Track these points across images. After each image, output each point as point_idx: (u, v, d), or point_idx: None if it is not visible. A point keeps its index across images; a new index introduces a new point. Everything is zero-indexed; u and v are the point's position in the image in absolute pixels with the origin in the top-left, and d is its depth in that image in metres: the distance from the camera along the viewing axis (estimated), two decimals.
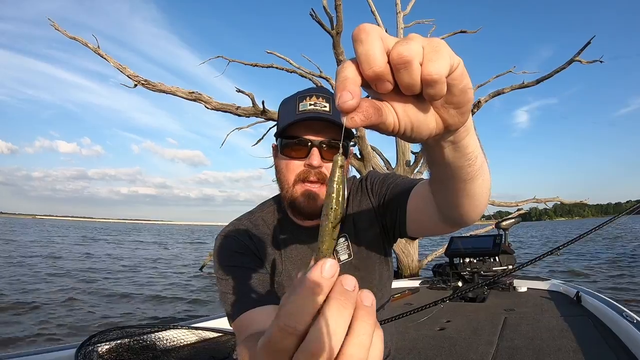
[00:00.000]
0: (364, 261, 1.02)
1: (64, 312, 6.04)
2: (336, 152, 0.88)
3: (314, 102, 0.89)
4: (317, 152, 0.88)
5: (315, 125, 0.88)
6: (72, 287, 8.08)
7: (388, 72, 0.33)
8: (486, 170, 0.59)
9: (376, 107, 0.35)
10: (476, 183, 0.58)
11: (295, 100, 0.92)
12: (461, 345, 2.37)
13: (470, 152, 0.51)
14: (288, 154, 0.91)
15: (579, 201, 9.21)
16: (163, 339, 1.80)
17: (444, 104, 0.39)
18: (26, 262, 12.13)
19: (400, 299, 3.66)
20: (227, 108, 6.37)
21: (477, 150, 0.53)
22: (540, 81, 6.24)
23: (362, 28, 0.33)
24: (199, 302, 7.04)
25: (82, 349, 1.53)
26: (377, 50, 0.32)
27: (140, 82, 6.07)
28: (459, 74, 0.36)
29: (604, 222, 0.99)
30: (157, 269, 12.10)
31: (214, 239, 1.06)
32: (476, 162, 0.54)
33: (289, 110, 0.91)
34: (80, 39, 6.25)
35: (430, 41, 0.34)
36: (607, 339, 2.21)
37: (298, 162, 0.90)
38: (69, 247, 20.08)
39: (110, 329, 1.69)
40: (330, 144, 0.89)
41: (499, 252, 3.88)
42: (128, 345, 1.65)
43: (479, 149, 0.54)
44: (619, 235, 23.79)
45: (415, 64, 0.33)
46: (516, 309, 3.10)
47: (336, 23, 5.42)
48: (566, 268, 10.30)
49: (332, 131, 0.89)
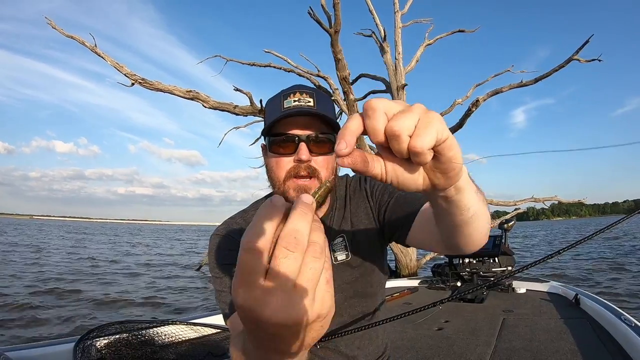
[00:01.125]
0: (361, 261, 1.03)
1: (61, 311, 6.03)
2: (323, 146, 0.90)
3: (297, 98, 0.90)
4: (304, 147, 0.88)
5: (301, 121, 0.89)
6: (63, 288, 8.05)
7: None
8: (482, 216, 0.64)
9: (364, 159, 0.42)
10: (470, 227, 0.64)
11: (279, 98, 0.93)
12: (459, 346, 2.36)
13: (462, 206, 0.56)
14: (276, 151, 0.91)
15: (577, 200, 9.22)
16: (162, 335, 1.79)
17: (432, 168, 0.45)
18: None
19: (399, 298, 3.66)
20: (224, 107, 6.35)
21: (470, 203, 0.57)
22: (539, 80, 6.23)
23: (370, 105, 0.40)
24: (196, 303, 7.02)
25: (80, 343, 1.52)
26: (380, 125, 0.40)
27: (138, 81, 6.04)
28: (446, 146, 0.41)
29: (617, 222, 0.96)
30: (154, 270, 12.07)
31: (209, 238, 1.06)
32: (468, 212, 0.59)
33: (274, 109, 0.92)
34: (77, 38, 6.21)
35: (426, 116, 0.40)
36: (605, 342, 2.21)
37: (287, 159, 0.90)
38: (64, 248, 20.04)
39: (109, 323, 1.69)
40: (317, 138, 0.90)
41: (498, 253, 3.89)
42: (127, 340, 1.65)
43: (473, 202, 0.58)
44: (618, 237, 23.82)
45: (404, 137, 0.39)
46: (515, 310, 3.09)
47: (334, 21, 5.41)
48: (567, 270, 10.31)
49: (318, 125, 0.90)
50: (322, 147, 0.90)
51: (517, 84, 6.48)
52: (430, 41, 9.17)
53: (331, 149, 0.91)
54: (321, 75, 8.25)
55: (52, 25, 6.01)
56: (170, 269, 12.26)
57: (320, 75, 8.25)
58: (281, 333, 0.35)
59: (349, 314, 1.03)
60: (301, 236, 0.34)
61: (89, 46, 6.06)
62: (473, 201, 0.58)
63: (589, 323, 2.59)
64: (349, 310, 1.03)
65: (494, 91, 6.47)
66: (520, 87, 6.54)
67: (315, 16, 5.46)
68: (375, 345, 1.07)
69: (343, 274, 1.02)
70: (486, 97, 6.26)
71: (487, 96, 6.36)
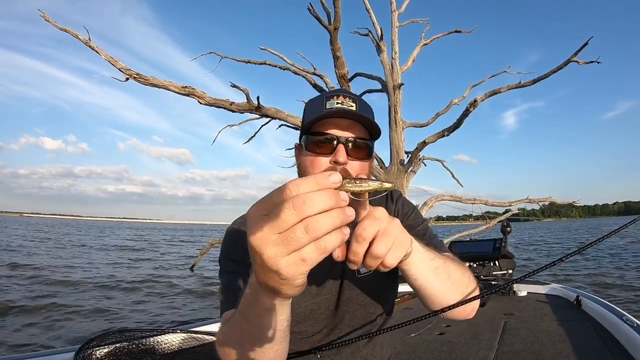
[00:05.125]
0: (382, 276, 1.02)
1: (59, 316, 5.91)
2: (361, 151, 0.89)
3: (340, 101, 0.89)
4: (342, 149, 0.86)
5: (342, 123, 0.88)
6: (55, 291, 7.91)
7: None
8: (437, 290, 0.82)
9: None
10: (422, 293, 0.83)
11: (322, 99, 0.92)
12: (461, 350, 2.34)
13: (410, 275, 0.77)
14: (313, 150, 0.89)
15: (570, 202, 9.28)
16: (162, 343, 1.77)
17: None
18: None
19: (400, 303, 3.63)
20: (220, 103, 6.25)
21: (417, 275, 0.77)
22: (537, 81, 6.22)
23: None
24: (193, 303, 6.94)
25: (80, 352, 1.49)
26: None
27: (132, 76, 5.92)
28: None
29: (625, 225, 0.92)
30: (150, 269, 11.96)
31: (225, 231, 1.03)
32: (416, 282, 0.78)
33: (316, 108, 0.91)
34: (71, 31, 6.07)
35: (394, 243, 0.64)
36: (608, 343, 2.20)
37: (324, 159, 0.88)
38: (55, 250, 19.76)
39: (109, 332, 1.65)
40: (356, 142, 0.88)
41: (499, 257, 3.88)
42: (127, 348, 1.61)
43: (423, 275, 0.77)
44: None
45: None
46: (516, 313, 3.08)
47: (334, 18, 5.35)
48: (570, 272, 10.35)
49: (358, 130, 0.89)
50: (360, 152, 0.89)
51: (515, 84, 6.47)
52: (427, 41, 9.16)
53: (369, 155, 0.91)
54: (317, 73, 8.18)
55: (46, 18, 5.86)
56: (165, 270, 12.13)
57: (316, 74, 8.18)
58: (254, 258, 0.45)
59: (366, 327, 1.02)
60: (309, 199, 0.40)
61: (83, 39, 5.92)
62: (422, 274, 0.77)
63: (590, 324, 2.59)
64: (367, 324, 1.02)
65: (492, 92, 6.46)
66: (519, 88, 6.54)
67: (314, 12, 5.41)
68: (381, 356, 1.08)
69: (365, 287, 1.00)
70: (484, 98, 6.24)
71: (485, 96, 6.34)
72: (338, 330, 1.00)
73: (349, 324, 1.00)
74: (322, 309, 0.99)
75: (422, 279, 0.77)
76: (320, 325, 1.00)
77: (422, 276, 0.77)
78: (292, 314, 0.97)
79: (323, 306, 0.99)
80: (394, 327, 1.01)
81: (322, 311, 0.99)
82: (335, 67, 5.81)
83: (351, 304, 1.00)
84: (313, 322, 0.99)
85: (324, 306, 0.99)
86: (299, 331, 0.99)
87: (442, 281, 0.80)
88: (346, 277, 0.99)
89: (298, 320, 0.98)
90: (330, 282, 0.99)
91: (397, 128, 7.95)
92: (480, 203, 8.01)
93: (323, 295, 0.98)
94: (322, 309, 0.99)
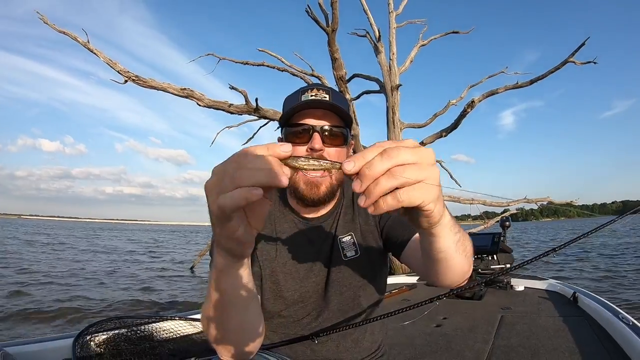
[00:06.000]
0: (368, 259, 1.06)
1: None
2: (337, 138, 0.94)
3: (314, 93, 0.96)
4: (318, 137, 0.92)
5: (317, 113, 0.94)
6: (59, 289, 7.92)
7: None
8: (456, 262, 0.74)
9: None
10: (442, 266, 0.75)
11: (298, 93, 0.98)
12: (457, 343, 2.37)
13: (435, 248, 0.68)
14: (292, 140, 0.94)
15: (569, 201, 9.32)
16: (160, 330, 1.80)
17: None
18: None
19: (397, 295, 3.66)
20: (219, 105, 6.29)
21: (444, 247, 0.68)
22: (534, 81, 6.26)
23: (390, 153, 0.48)
24: (191, 304, 6.95)
25: (79, 338, 1.53)
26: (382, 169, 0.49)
27: (131, 78, 5.95)
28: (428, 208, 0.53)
29: (611, 221, 0.97)
30: (150, 270, 11.95)
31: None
32: (439, 254, 0.70)
33: (292, 102, 0.97)
34: (70, 33, 6.10)
35: (431, 173, 0.50)
36: (603, 340, 2.22)
37: (301, 148, 0.93)
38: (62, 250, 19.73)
39: (108, 319, 1.69)
40: (331, 130, 0.94)
41: (497, 251, 3.91)
42: (125, 335, 1.65)
43: (447, 247, 0.68)
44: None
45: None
46: (513, 308, 3.11)
47: (332, 20, 5.39)
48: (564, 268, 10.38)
49: (332, 118, 0.95)
50: (336, 140, 0.95)
51: (512, 85, 6.52)
52: (425, 42, 9.22)
53: (344, 142, 0.96)
54: (315, 74, 8.23)
55: (44, 21, 5.90)
56: (164, 271, 12.13)
57: (314, 75, 8.22)
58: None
59: (354, 310, 1.06)
60: (250, 156, 0.46)
61: (82, 42, 5.96)
62: (447, 246, 0.68)
63: (586, 321, 2.61)
64: (354, 307, 1.06)
65: (489, 92, 6.50)
66: (516, 89, 6.58)
67: (312, 14, 5.44)
68: (372, 341, 1.11)
69: (352, 270, 1.05)
70: (482, 98, 6.29)
71: (483, 97, 6.39)
72: (327, 313, 1.04)
73: (337, 307, 1.04)
74: (311, 292, 1.04)
75: (447, 248, 0.69)
76: (308, 308, 1.05)
77: (446, 245, 0.68)
78: (281, 299, 1.03)
79: (311, 290, 1.04)
80: (387, 315, 1.05)
81: (311, 294, 1.04)
82: (333, 69, 5.85)
83: (339, 286, 1.04)
84: (303, 306, 1.04)
85: (312, 289, 1.04)
86: (288, 315, 1.04)
87: (459, 254, 0.73)
88: (333, 261, 1.04)
89: (287, 305, 1.03)
90: (318, 265, 1.04)
91: (395, 129, 7.99)
92: (478, 203, 8.05)
93: (311, 278, 1.03)
94: (310, 292, 1.03)
